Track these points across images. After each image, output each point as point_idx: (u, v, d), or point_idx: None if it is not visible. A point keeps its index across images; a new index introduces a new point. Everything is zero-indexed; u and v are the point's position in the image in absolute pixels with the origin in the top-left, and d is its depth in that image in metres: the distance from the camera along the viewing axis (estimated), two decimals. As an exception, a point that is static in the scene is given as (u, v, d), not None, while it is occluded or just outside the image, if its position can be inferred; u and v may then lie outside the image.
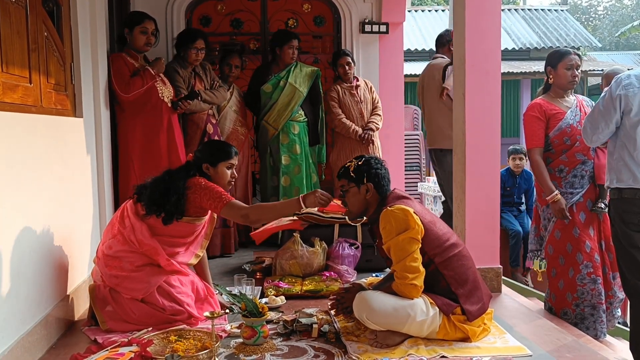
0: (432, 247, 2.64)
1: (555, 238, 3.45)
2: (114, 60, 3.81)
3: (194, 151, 3.13)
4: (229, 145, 3.14)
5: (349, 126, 5.00)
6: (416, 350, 2.55)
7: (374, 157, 2.85)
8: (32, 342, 2.48)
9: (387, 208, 2.65)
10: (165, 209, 2.86)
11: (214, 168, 2.99)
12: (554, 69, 3.45)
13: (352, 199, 2.80)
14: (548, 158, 3.46)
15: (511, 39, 14.82)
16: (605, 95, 2.89)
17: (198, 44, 4.33)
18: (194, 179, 2.92)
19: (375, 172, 2.76)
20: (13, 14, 2.44)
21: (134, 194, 2.99)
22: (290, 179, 4.91)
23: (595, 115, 2.95)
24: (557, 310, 3.46)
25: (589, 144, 3.11)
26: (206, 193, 2.85)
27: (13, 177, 2.36)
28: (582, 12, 29.78)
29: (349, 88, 5.10)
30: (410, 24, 14.92)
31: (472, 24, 3.57)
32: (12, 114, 2.38)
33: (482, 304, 2.71)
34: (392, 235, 2.60)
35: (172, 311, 2.88)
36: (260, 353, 2.56)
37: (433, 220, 2.73)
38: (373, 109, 5.17)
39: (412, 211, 2.62)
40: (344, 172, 2.81)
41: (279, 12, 5.75)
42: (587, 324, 3.32)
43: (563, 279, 3.42)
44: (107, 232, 3.01)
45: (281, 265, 3.76)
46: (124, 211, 2.99)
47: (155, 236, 2.91)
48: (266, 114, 4.91)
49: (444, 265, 2.66)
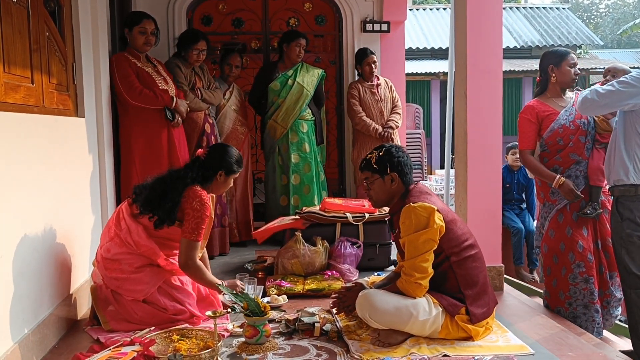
0: (450, 245, 2.64)
1: (550, 237, 3.45)
2: (118, 62, 3.80)
3: (208, 149, 3.11)
4: (241, 158, 3.16)
5: (369, 124, 5.04)
6: (418, 349, 2.55)
7: (393, 145, 2.83)
8: (35, 342, 2.48)
9: (410, 204, 2.63)
10: (157, 214, 2.87)
11: (227, 177, 3.02)
12: (557, 67, 3.44)
13: (378, 190, 2.77)
14: (544, 158, 3.45)
15: (513, 37, 14.81)
16: (627, 79, 2.91)
17: (200, 46, 4.33)
18: (193, 190, 2.90)
19: (397, 161, 2.74)
20: (15, 14, 2.44)
21: (132, 195, 3.00)
22: (300, 177, 4.92)
23: (622, 85, 2.93)
24: (552, 308, 3.46)
25: (585, 109, 3.10)
26: (192, 217, 2.86)
27: (15, 177, 2.37)
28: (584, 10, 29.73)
29: (369, 87, 5.13)
30: (411, 23, 14.93)
31: (474, 23, 3.57)
32: (14, 114, 2.38)
33: (488, 309, 2.71)
34: (410, 232, 2.60)
35: (174, 311, 2.89)
36: (262, 352, 2.56)
37: (454, 219, 2.73)
38: (393, 108, 5.20)
39: (436, 209, 2.61)
40: (366, 164, 2.79)
41: (280, 11, 5.75)
42: (579, 323, 3.32)
43: (556, 278, 3.42)
44: (105, 235, 3.00)
45: (283, 265, 3.76)
46: (119, 213, 2.98)
47: (151, 237, 2.91)
48: (274, 113, 4.91)
49: (458, 264, 2.66)
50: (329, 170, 5.39)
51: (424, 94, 14.62)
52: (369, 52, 5.17)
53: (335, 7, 5.74)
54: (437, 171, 10.86)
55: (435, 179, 9.83)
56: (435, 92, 14.31)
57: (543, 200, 3.51)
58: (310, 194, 4.92)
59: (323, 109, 5.24)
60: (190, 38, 4.37)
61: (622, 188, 3.03)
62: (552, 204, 3.44)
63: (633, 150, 2.99)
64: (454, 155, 4.00)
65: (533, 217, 5.96)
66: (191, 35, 4.42)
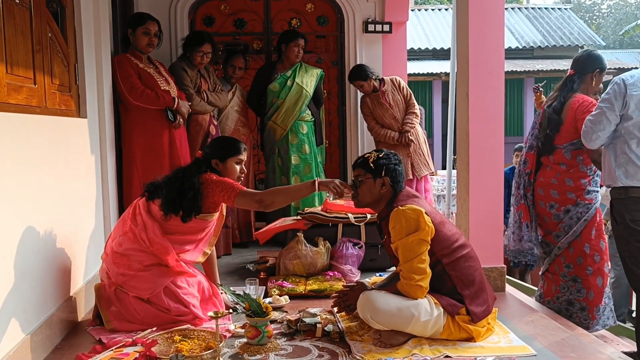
0: (440, 248, 2.64)
1: (592, 238, 3.42)
2: (121, 63, 3.81)
3: (203, 147, 3.15)
4: (237, 140, 3.16)
5: (384, 134, 5.05)
6: (420, 350, 2.55)
7: (392, 152, 2.84)
8: (37, 342, 2.49)
9: (399, 207, 2.64)
10: (183, 206, 2.87)
11: (222, 164, 3.03)
12: (600, 74, 3.49)
13: (366, 189, 2.77)
14: (579, 156, 3.44)
15: (515, 37, 14.80)
16: (609, 95, 2.90)
17: (205, 48, 4.34)
18: (205, 174, 2.95)
19: (393, 167, 2.75)
20: (17, 15, 2.45)
21: (145, 191, 3.00)
22: (300, 178, 4.91)
23: (598, 115, 2.96)
24: (591, 309, 3.46)
25: (588, 144, 3.10)
26: (218, 186, 2.89)
27: (17, 177, 2.37)
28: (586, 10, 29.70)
29: (376, 97, 5.11)
30: (413, 23, 14.93)
31: (476, 23, 3.56)
32: (17, 114, 2.38)
33: (487, 306, 2.71)
34: (402, 235, 2.60)
35: (177, 312, 2.89)
36: (264, 353, 2.56)
37: (442, 221, 2.73)
38: (407, 108, 5.15)
39: (424, 211, 2.61)
40: (362, 162, 2.79)
41: (282, 11, 5.76)
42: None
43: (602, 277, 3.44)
44: (118, 229, 3.01)
45: (285, 265, 3.76)
46: (135, 208, 2.99)
47: (166, 235, 2.92)
48: (273, 114, 4.91)
49: (452, 266, 2.65)
50: (331, 172, 5.38)
51: (425, 95, 14.61)
52: (353, 76, 5.07)
53: (337, 8, 5.74)
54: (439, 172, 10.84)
55: (437, 179, 9.81)
56: (437, 93, 14.31)
57: (576, 200, 3.43)
58: (311, 195, 4.90)
59: (322, 109, 5.23)
60: (195, 40, 4.38)
61: (614, 191, 3.04)
62: (589, 204, 3.42)
63: (620, 156, 2.98)
64: (455, 155, 3.99)
65: None
66: (196, 37, 4.42)
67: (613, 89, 2.94)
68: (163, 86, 3.93)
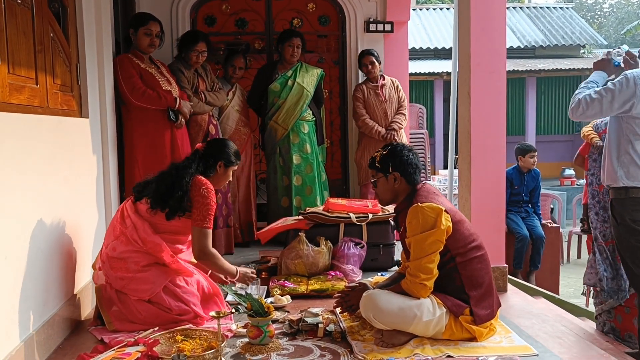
0: (456, 246, 2.64)
1: None
2: (122, 63, 3.81)
3: (207, 142, 3.17)
4: (239, 151, 3.24)
5: (371, 126, 5.05)
6: (422, 350, 2.55)
7: (400, 144, 2.85)
8: (39, 342, 2.49)
9: (418, 204, 2.63)
10: (169, 205, 2.89)
11: (226, 168, 3.07)
12: None
13: (381, 188, 2.83)
14: None
15: (516, 37, 14.78)
16: (615, 88, 2.86)
17: (199, 47, 4.33)
18: (198, 178, 2.95)
19: (400, 160, 2.76)
20: (19, 15, 2.45)
21: (132, 193, 3.03)
22: (302, 178, 4.91)
23: (597, 100, 2.89)
24: None
25: (571, 115, 3.04)
26: (201, 204, 2.91)
27: (19, 177, 2.37)
28: (588, 9, 29.63)
29: (373, 88, 5.13)
30: (414, 23, 14.91)
31: (477, 23, 3.56)
32: (19, 115, 2.39)
33: (491, 311, 2.71)
34: (417, 232, 2.60)
35: (178, 311, 2.89)
36: (266, 352, 2.56)
37: (462, 220, 2.73)
38: (398, 108, 5.19)
39: (444, 210, 2.61)
40: (372, 163, 2.85)
41: (283, 11, 5.76)
42: None
43: None
44: (109, 235, 3.01)
45: (286, 265, 3.76)
46: (123, 211, 3.00)
47: (157, 233, 2.93)
48: (274, 114, 4.91)
49: (464, 265, 2.65)
50: (332, 171, 5.38)
51: (427, 94, 14.60)
52: (366, 52, 5.16)
53: (338, 8, 5.74)
54: (440, 171, 10.84)
55: (438, 179, 9.82)
56: (439, 92, 14.29)
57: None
58: (312, 194, 4.91)
59: (323, 109, 5.24)
60: (189, 39, 4.37)
61: (614, 190, 3.03)
62: None
63: (623, 155, 2.96)
64: (457, 155, 3.99)
65: (540, 220, 5.94)
66: (191, 36, 4.42)
67: (621, 81, 2.88)
68: (165, 86, 3.93)
